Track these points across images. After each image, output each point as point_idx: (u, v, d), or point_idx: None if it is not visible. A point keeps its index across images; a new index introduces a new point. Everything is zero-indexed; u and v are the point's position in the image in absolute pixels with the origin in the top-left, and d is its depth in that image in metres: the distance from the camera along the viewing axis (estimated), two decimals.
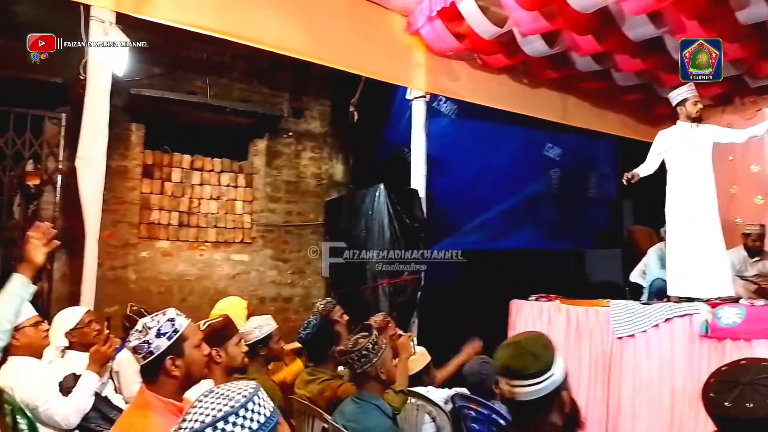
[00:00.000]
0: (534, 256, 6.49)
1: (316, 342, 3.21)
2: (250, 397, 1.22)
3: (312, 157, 6.24)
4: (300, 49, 4.79)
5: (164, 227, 5.41)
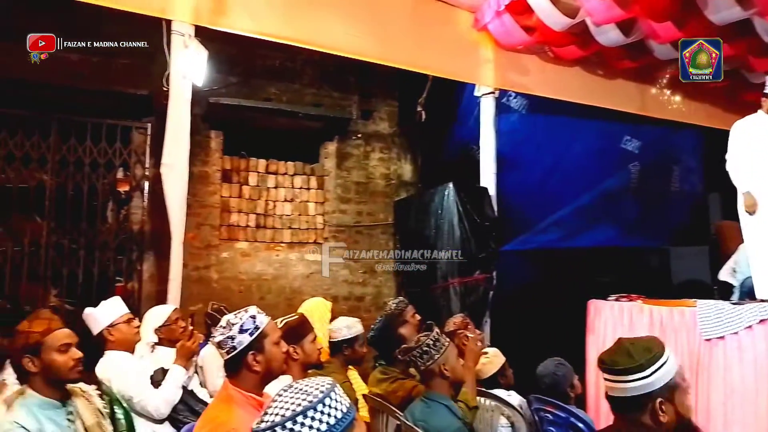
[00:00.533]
0: (613, 254, 6.23)
1: (383, 342, 3.23)
2: (327, 392, 1.25)
3: (381, 157, 6.30)
4: (367, 52, 4.86)
5: (243, 229, 5.64)
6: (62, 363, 2.05)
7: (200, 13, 4.17)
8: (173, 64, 4.10)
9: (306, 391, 1.26)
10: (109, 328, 2.92)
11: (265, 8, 4.43)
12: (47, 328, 2.07)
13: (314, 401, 1.23)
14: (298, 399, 1.24)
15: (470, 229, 5.02)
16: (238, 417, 1.79)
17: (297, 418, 1.20)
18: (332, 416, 1.23)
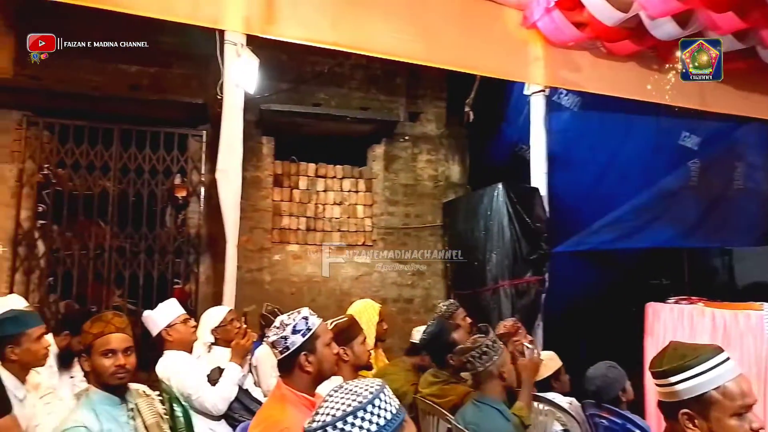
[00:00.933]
0: (671, 255, 5.98)
1: (435, 345, 3.22)
2: (377, 394, 1.26)
3: (428, 159, 6.29)
4: (414, 54, 4.86)
5: (294, 232, 5.75)
6: (104, 367, 2.12)
7: (251, 22, 4.28)
8: (226, 72, 4.22)
9: (356, 392, 1.27)
10: (167, 328, 3.04)
11: (314, 15, 4.51)
12: (100, 331, 2.15)
13: (364, 402, 1.24)
14: (348, 399, 1.26)
15: (521, 230, 4.94)
16: (291, 416, 1.83)
17: (347, 419, 1.22)
18: (382, 417, 1.24)
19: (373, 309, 3.79)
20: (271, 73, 5.34)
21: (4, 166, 4.92)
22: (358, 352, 2.62)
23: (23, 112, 4.95)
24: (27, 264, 4.89)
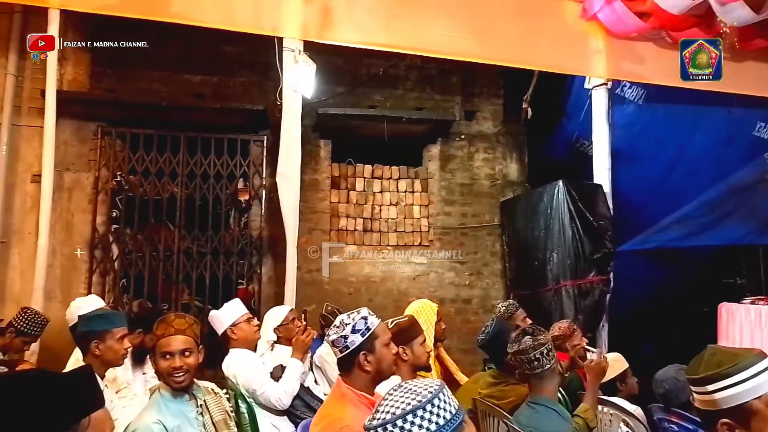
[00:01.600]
0: (747, 252, 5.63)
1: (493, 346, 3.17)
2: (436, 393, 1.27)
3: (485, 158, 6.21)
4: (471, 53, 4.82)
5: (351, 233, 5.83)
6: (163, 368, 2.23)
7: (308, 28, 4.38)
8: (285, 79, 4.35)
9: (415, 391, 1.28)
10: (231, 327, 3.15)
11: (369, 19, 4.56)
12: (162, 333, 2.26)
13: (423, 401, 1.25)
14: (408, 398, 1.27)
15: (583, 228, 4.80)
16: (351, 414, 1.86)
17: (407, 417, 1.23)
18: (441, 417, 1.25)
19: (431, 309, 3.78)
20: (328, 78, 5.45)
21: (82, 174, 5.25)
22: (417, 352, 2.62)
23: (98, 123, 5.27)
24: (103, 266, 5.20)
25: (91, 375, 1.19)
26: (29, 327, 3.58)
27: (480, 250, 6.05)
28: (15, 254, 5.01)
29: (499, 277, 6.02)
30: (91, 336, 2.59)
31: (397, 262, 5.86)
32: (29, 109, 5.12)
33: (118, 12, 4.19)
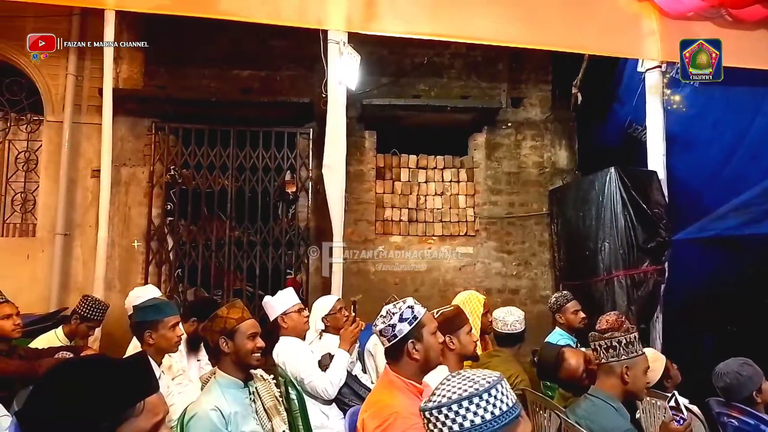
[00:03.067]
0: None
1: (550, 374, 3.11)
2: (494, 384, 1.27)
3: (533, 145, 6.09)
4: (518, 38, 4.73)
5: (396, 223, 5.85)
6: (249, 349, 2.32)
7: (353, 20, 4.40)
8: (330, 71, 4.38)
9: (473, 380, 1.29)
10: (282, 315, 3.23)
11: (413, 8, 4.53)
12: (241, 316, 2.36)
13: (480, 390, 1.26)
14: (465, 385, 1.28)
15: (636, 216, 4.65)
16: (400, 401, 1.88)
17: (462, 402, 1.24)
18: (497, 407, 1.25)
19: (477, 300, 3.76)
20: (372, 69, 5.46)
21: (137, 168, 5.46)
22: (464, 341, 2.61)
23: (152, 119, 5.46)
24: (158, 256, 5.40)
25: (145, 361, 1.25)
26: (91, 312, 3.77)
27: (528, 239, 5.95)
28: (77, 246, 5.28)
29: (547, 267, 5.92)
30: (144, 326, 2.71)
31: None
32: (88, 107, 5.37)
33: (170, 11, 4.33)
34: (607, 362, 2.34)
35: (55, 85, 5.36)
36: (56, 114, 5.34)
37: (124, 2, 4.39)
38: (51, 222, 5.25)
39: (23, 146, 5.49)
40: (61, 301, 5.03)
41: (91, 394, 1.10)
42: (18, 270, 5.12)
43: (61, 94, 5.33)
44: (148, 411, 1.15)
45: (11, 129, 5.50)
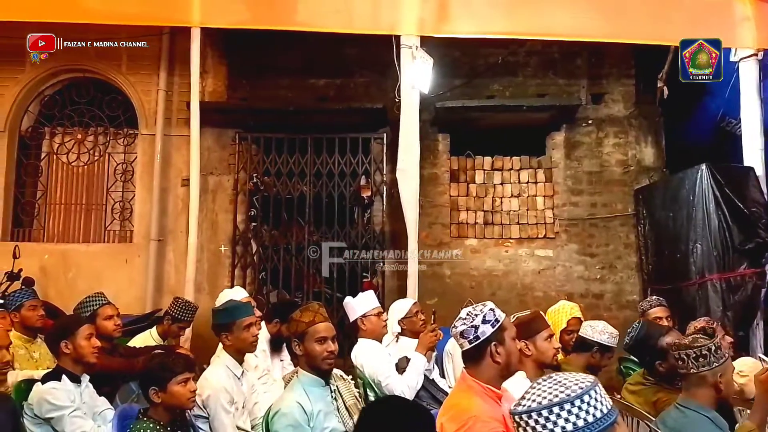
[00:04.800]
0: None
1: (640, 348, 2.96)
2: (587, 390, 1.21)
3: (616, 143, 5.83)
4: (598, 33, 4.57)
5: (471, 226, 5.78)
6: (317, 353, 2.35)
7: (425, 23, 4.42)
8: (403, 75, 4.42)
9: (565, 384, 1.24)
10: (362, 317, 3.28)
11: (487, 8, 4.49)
12: (312, 320, 2.39)
13: (572, 395, 1.21)
14: (556, 390, 1.23)
15: (731, 216, 4.33)
16: (478, 406, 1.86)
17: (553, 408, 1.20)
18: (591, 414, 1.19)
19: (564, 314, 3.61)
20: (445, 71, 5.44)
21: (223, 177, 5.75)
22: (541, 347, 2.54)
23: (236, 130, 5.73)
24: (243, 260, 5.66)
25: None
26: (182, 313, 4.00)
27: (612, 241, 5.69)
28: (170, 251, 5.64)
29: (634, 271, 5.63)
30: (220, 328, 2.86)
31: (520, 255, 5.71)
32: (177, 120, 5.72)
33: (251, 25, 4.54)
34: (698, 372, 2.21)
35: (148, 101, 5.75)
36: (149, 127, 5.73)
37: (209, 19, 4.64)
38: (146, 228, 5.63)
39: (121, 158, 5.93)
40: (156, 302, 5.38)
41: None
42: (118, 273, 5.54)
43: (153, 109, 5.72)
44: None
45: (110, 143, 5.96)
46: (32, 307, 3.57)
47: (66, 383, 2.57)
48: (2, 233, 5.65)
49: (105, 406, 2.76)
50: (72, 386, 2.59)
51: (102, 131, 5.95)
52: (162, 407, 2.34)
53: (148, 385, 2.33)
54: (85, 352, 2.65)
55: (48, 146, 5.98)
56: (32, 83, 5.77)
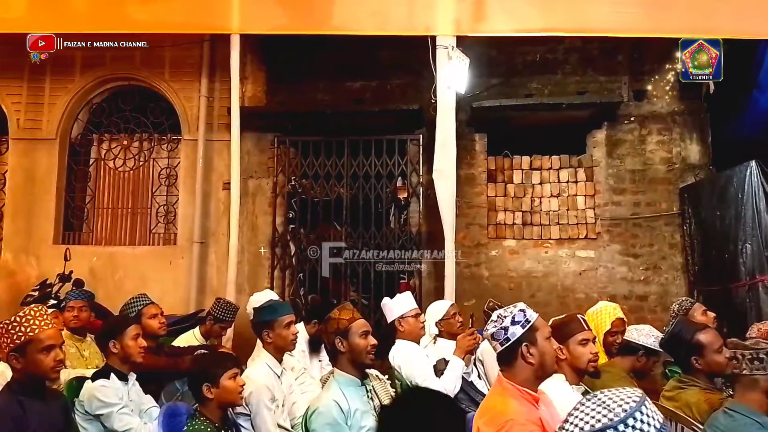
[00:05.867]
0: None
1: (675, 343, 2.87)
2: (632, 411, 1.12)
3: (659, 140, 5.66)
4: (639, 27, 4.45)
5: (509, 227, 5.71)
6: (362, 346, 2.43)
7: (461, 23, 4.39)
8: (439, 76, 4.40)
9: (608, 406, 1.14)
10: (399, 319, 3.29)
11: (524, 5, 4.43)
12: (352, 317, 2.49)
13: (615, 420, 1.11)
14: (599, 414, 1.14)
15: None
16: (514, 409, 1.83)
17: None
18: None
19: (607, 316, 3.50)
20: (481, 70, 5.40)
21: (263, 180, 5.86)
22: (575, 352, 2.47)
23: (274, 134, 5.83)
24: (282, 262, 5.75)
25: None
26: (223, 314, 4.10)
27: (656, 241, 5.53)
28: (212, 253, 5.77)
29: (680, 272, 5.45)
30: (262, 325, 2.91)
31: (560, 257, 5.61)
32: (218, 125, 5.86)
33: (288, 30, 4.61)
34: (750, 374, 2.12)
35: (190, 107, 5.91)
36: (191, 133, 5.89)
37: (248, 26, 4.73)
38: (189, 231, 5.79)
39: (165, 163, 6.12)
40: (199, 303, 5.52)
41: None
42: (163, 275, 5.71)
43: (195, 115, 5.87)
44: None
45: (155, 148, 6.16)
46: (70, 308, 3.74)
47: (114, 381, 2.66)
48: (54, 237, 5.90)
49: (151, 404, 2.85)
50: (120, 384, 2.68)
51: (147, 137, 6.16)
52: (215, 403, 2.40)
53: (201, 382, 2.38)
54: (132, 351, 2.74)
55: (96, 152, 6.23)
56: (81, 92, 6.01)
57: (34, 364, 2.15)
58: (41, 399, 2.23)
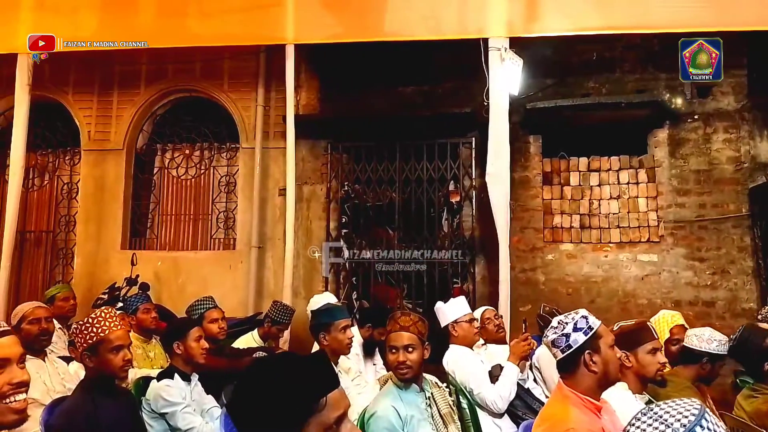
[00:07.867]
0: None
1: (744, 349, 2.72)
2: (691, 426, 1.08)
3: (726, 139, 5.38)
4: (702, 22, 4.25)
5: (566, 230, 5.57)
6: (390, 362, 2.40)
7: (514, 24, 4.33)
8: (491, 78, 4.36)
9: (666, 421, 1.10)
10: (453, 323, 3.27)
11: (578, 3, 4.33)
12: (390, 329, 2.46)
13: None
14: (657, 429, 1.11)
15: None
16: (575, 417, 1.78)
17: None
18: None
19: (665, 323, 3.39)
20: (535, 71, 5.31)
21: (317, 186, 5.96)
22: (643, 360, 2.38)
23: (328, 140, 5.93)
24: (336, 266, 5.82)
25: (326, 358, 1.30)
26: (280, 316, 4.19)
27: (724, 245, 5.25)
28: (269, 257, 5.92)
29: (750, 276, 5.16)
30: (319, 328, 2.96)
31: (621, 261, 5.42)
32: (274, 133, 6.01)
33: (343, 39, 4.68)
34: None
35: (247, 116, 6.10)
36: (249, 141, 6.07)
37: (302, 36, 4.84)
38: (247, 236, 5.95)
39: (224, 171, 6.33)
40: (257, 306, 5.67)
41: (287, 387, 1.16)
42: (223, 279, 5.90)
43: (252, 123, 6.05)
44: (330, 405, 1.17)
45: (214, 157, 6.39)
46: (146, 310, 3.91)
47: (178, 381, 2.77)
48: (122, 242, 6.20)
49: (212, 404, 2.94)
50: (183, 384, 2.79)
51: (207, 146, 6.39)
52: None
53: None
54: (195, 353, 2.84)
55: (160, 161, 6.51)
56: (146, 104, 6.31)
57: (105, 363, 2.27)
58: (111, 397, 2.33)
